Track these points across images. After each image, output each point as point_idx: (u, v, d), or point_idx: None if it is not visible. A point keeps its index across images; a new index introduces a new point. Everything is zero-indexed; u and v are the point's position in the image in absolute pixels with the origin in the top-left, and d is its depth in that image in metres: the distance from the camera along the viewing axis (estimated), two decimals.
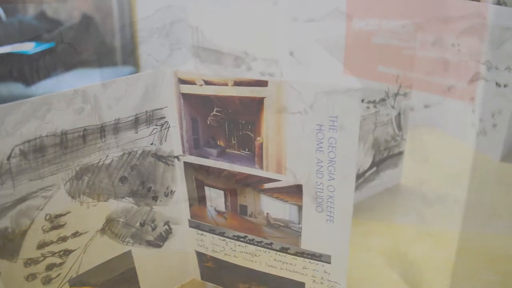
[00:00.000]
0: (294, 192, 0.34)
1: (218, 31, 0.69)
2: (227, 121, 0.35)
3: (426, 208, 0.55)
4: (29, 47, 1.91)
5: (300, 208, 0.35)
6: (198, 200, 0.40)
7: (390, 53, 0.51)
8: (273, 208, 0.36)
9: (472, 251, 0.47)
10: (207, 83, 0.34)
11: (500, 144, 0.63)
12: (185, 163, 0.38)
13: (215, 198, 0.39)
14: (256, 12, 0.65)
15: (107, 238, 0.37)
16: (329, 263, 0.36)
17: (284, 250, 0.37)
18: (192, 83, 0.35)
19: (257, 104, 0.33)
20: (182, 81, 0.35)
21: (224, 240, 0.40)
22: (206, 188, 0.39)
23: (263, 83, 0.32)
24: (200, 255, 0.43)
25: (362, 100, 0.49)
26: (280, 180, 0.35)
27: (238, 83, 0.33)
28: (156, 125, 0.37)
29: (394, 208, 0.55)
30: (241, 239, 0.39)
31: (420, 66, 0.69)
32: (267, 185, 0.36)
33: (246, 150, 0.35)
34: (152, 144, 0.37)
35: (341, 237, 0.34)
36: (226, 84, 0.33)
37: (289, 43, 0.50)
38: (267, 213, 0.37)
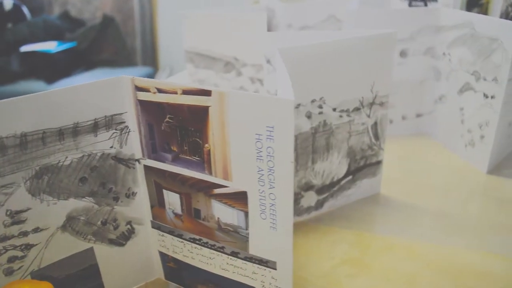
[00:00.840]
0: (241, 198, 0.35)
1: (210, 36, 0.70)
2: (179, 128, 0.36)
3: (402, 219, 0.54)
4: (51, 46, 2.00)
5: (246, 214, 0.36)
6: (158, 202, 0.41)
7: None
8: (223, 213, 0.37)
9: (439, 265, 0.46)
10: (160, 91, 0.35)
11: (487, 156, 0.62)
12: (145, 166, 0.40)
13: (172, 201, 0.40)
14: (246, 19, 0.67)
15: (68, 234, 0.39)
16: (275, 269, 0.37)
17: (234, 254, 0.38)
18: (147, 90, 0.36)
19: (203, 112, 0.34)
20: (138, 88, 0.37)
21: (182, 242, 0.42)
22: (164, 191, 0.40)
23: (207, 93, 0.33)
24: (162, 255, 0.44)
25: (334, 109, 0.50)
26: (228, 186, 0.36)
27: (186, 92, 0.34)
28: (116, 130, 0.38)
29: (369, 217, 0.55)
30: (197, 242, 0.40)
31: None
32: (216, 191, 0.37)
33: (197, 156, 0.36)
34: (112, 147, 0.39)
35: (284, 244, 0.35)
36: (176, 92, 0.34)
37: (266, 51, 0.51)
38: (218, 218, 0.38)
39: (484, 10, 0.90)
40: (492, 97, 0.59)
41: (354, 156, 0.54)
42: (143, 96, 0.37)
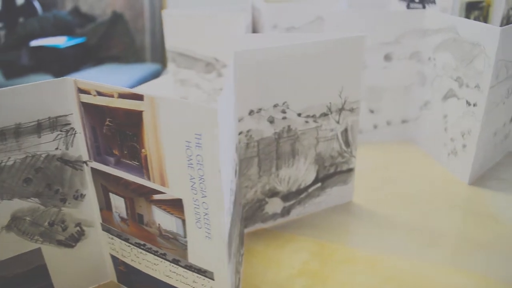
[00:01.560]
0: (178, 205, 0.35)
1: (190, 36, 0.70)
2: (118, 132, 0.35)
3: (370, 230, 0.53)
4: (61, 41, 2.02)
5: (184, 222, 0.35)
6: (106, 205, 0.41)
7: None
8: (163, 219, 0.36)
9: (401, 280, 0.45)
10: (99, 93, 0.35)
11: (469, 166, 0.59)
12: (92, 169, 0.39)
13: (118, 204, 0.39)
14: (224, 20, 0.66)
15: (14, 234, 0.39)
16: (213, 279, 0.36)
17: (176, 262, 0.38)
18: (88, 93, 0.36)
19: (138, 117, 0.33)
20: (81, 91, 0.36)
21: (129, 246, 0.41)
22: (110, 194, 0.40)
23: (140, 97, 0.32)
24: (114, 258, 0.44)
25: (299, 115, 0.48)
26: (165, 193, 0.35)
27: (121, 95, 0.33)
28: (61, 131, 0.38)
29: (336, 227, 0.53)
30: (142, 247, 0.40)
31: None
32: (155, 196, 0.36)
33: (136, 161, 0.35)
34: (57, 148, 0.38)
35: (219, 254, 0.34)
36: (113, 96, 0.34)
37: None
38: (159, 224, 0.37)
39: (484, 14, 0.87)
40: (474, 104, 0.57)
41: (322, 163, 0.53)
42: (85, 98, 0.36)
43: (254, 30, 0.80)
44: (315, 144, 0.51)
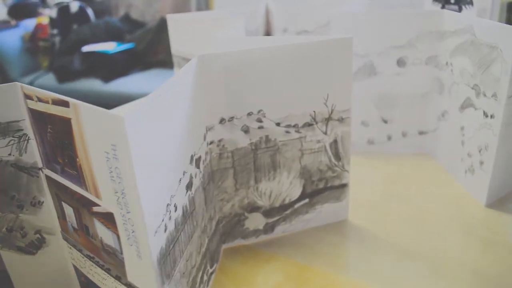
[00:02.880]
0: (111, 220, 0.32)
1: (192, 40, 0.68)
2: (58, 139, 0.34)
3: (360, 254, 0.48)
4: (110, 47, 2.11)
5: (119, 237, 0.33)
6: (61, 214, 0.39)
7: None
8: (103, 233, 0.34)
9: None
10: (40, 100, 0.33)
11: (486, 185, 0.52)
12: (46, 176, 0.38)
13: (69, 214, 0.38)
14: (224, 23, 0.63)
15: None
16: None
17: (118, 278, 0.36)
18: (31, 98, 0.34)
19: (69, 124, 0.31)
20: (27, 96, 0.35)
21: (83, 257, 0.39)
22: (63, 203, 0.38)
23: (66, 104, 0.30)
24: (75, 268, 0.42)
25: (278, 124, 0.45)
26: (100, 205, 0.33)
27: (54, 102, 0.32)
28: (13, 137, 0.37)
29: (322, 247, 0.48)
30: (92, 260, 0.38)
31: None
32: (94, 208, 0.34)
33: (74, 170, 0.34)
34: (10, 154, 0.38)
35: (149, 277, 0.31)
36: (48, 102, 0.32)
37: None
38: (101, 237, 0.35)
39: None
40: (491, 116, 0.50)
41: (310, 177, 0.48)
42: (30, 104, 0.35)
43: (268, 34, 0.77)
44: (299, 157, 0.47)
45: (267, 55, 0.42)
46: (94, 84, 1.92)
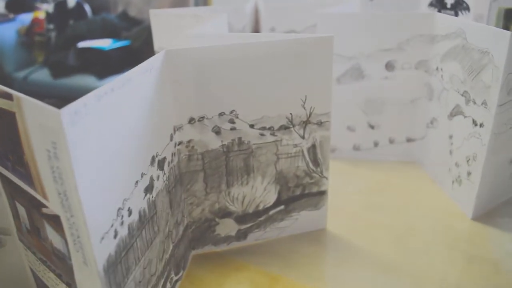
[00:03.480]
0: (59, 223, 0.30)
1: (174, 36, 0.65)
2: (6, 134, 0.31)
3: (334, 265, 0.45)
4: (106, 43, 2.07)
5: (66, 242, 0.30)
6: (16, 214, 0.37)
7: None
8: (53, 236, 0.32)
9: None
10: None
11: (473, 197, 0.50)
12: (0, 174, 0.36)
13: (22, 214, 0.36)
14: (206, 20, 0.61)
15: None
16: None
17: (69, 285, 0.33)
18: None
19: (14, 118, 0.29)
20: None
21: (37, 261, 0.37)
22: (16, 202, 0.36)
23: (10, 96, 0.28)
24: (33, 271, 0.40)
25: (252, 126, 0.42)
26: (48, 207, 0.30)
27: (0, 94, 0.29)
28: None
29: (296, 257, 0.46)
30: (45, 264, 0.36)
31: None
32: (44, 210, 0.32)
33: (22, 167, 0.31)
34: None
35: (95, 285, 0.29)
36: None
37: None
38: (51, 240, 0.33)
39: None
40: (481, 125, 0.47)
41: (286, 183, 0.46)
42: None
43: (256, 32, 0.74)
44: (274, 161, 0.45)
45: (240, 52, 0.39)
46: (88, 80, 1.90)
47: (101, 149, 0.28)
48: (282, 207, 0.47)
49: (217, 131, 0.42)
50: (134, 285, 0.33)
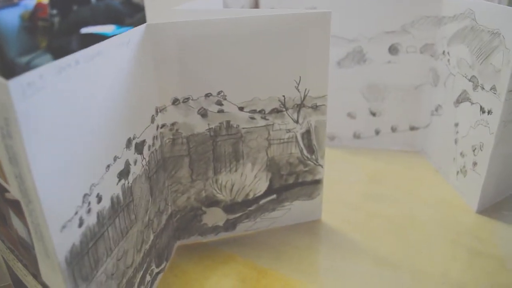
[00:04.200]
0: (20, 209, 0.27)
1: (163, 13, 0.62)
2: None
3: (327, 259, 0.42)
4: (109, 29, 2.02)
5: (29, 231, 0.28)
6: None
7: None
8: (17, 224, 0.30)
9: None
10: None
11: (478, 189, 0.46)
12: None
13: None
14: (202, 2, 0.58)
15: None
16: None
17: (35, 276, 0.31)
18: None
19: None
20: None
21: (7, 249, 0.35)
22: None
23: None
24: (5, 260, 0.38)
25: (241, 108, 0.39)
26: (9, 192, 0.28)
27: None
28: None
29: (287, 250, 0.43)
30: (13, 253, 0.33)
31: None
32: (6, 195, 0.29)
33: None
34: None
35: (56, 278, 0.26)
36: None
37: None
38: (16, 228, 0.30)
39: None
40: (489, 112, 0.44)
41: (278, 171, 0.43)
42: None
43: None
44: (266, 147, 0.42)
45: (228, 28, 0.36)
46: None
47: (61, 127, 0.25)
48: (273, 196, 0.44)
49: (203, 114, 0.39)
50: (105, 278, 0.31)
